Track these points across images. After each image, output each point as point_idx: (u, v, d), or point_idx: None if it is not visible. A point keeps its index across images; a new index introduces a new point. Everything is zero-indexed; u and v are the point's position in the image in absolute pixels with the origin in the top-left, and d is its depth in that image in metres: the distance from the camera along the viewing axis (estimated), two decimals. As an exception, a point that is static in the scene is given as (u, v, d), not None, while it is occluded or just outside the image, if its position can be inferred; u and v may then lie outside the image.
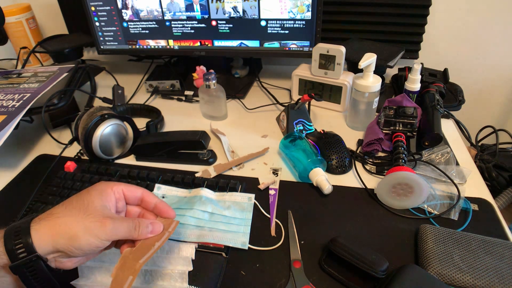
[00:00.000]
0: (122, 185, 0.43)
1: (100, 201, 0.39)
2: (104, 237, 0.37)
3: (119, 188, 0.42)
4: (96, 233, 0.37)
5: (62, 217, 0.37)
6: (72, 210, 0.38)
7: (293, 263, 0.49)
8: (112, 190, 0.41)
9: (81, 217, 0.37)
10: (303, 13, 0.82)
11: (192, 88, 0.98)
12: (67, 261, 0.38)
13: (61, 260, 0.37)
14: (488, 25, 0.97)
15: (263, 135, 0.79)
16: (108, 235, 0.37)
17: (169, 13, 0.90)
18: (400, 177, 0.56)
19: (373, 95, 0.74)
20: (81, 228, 0.36)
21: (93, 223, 0.37)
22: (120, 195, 0.42)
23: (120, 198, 0.43)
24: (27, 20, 1.10)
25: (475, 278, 0.44)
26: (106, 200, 0.40)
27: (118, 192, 0.42)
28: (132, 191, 0.43)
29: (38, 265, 0.35)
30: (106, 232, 0.37)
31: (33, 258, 0.34)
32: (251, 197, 0.59)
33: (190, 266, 0.49)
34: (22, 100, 0.73)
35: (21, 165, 0.74)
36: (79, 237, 0.36)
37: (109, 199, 0.41)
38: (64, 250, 0.36)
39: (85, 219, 0.37)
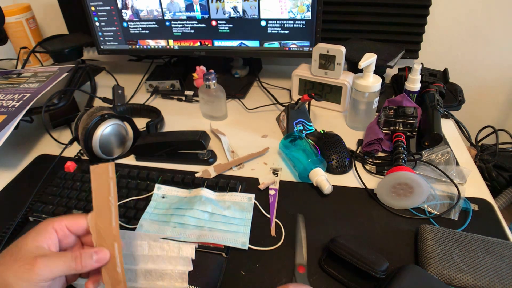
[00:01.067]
0: (65, 220, 0.39)
1: (33, 242, 0.36)
2: (38, 280, 0.33)
3: (62, 224, 0.38)
4: (27, 277, 0.33)
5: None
6: (5, 257, 0.35)
7: (297, 267, 0.49)
8: (53, 228, 0.38)
9: (11, 263, 0.34)
10: (303, 13, 0.82)
11: (192, 88, 0.98)
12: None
13: None
14: (488, 25, 0.97)
15: (263, 135, 0.79)
16: (42, 276, 0.33)
17: (169, 13, 0.90)
18: (400, 177, 0.56)
19: (373, 95, 0.74)
20: (11, 275, 0.33)
21: (21, 267, 0.33)
22: (64, 232, 0.39)
23: (65, 234, 0.39)
24: (27, 20, 1.10)
25: (475, 278, 0.44)
26: (43, 239, 0.37)
27: (61, 229, 0.38)
28: (76, 224, 0.39)
29: None
30: (38, 273, 0.33)
31: None
32: (251, 197, 0.59)
33: (190, 266, 0.49)
34: (22, 100, 0.73)
35: (21, 165, 0.74)
36: (11, 285, 0.33)
37: (48, 236, 0.37)
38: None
39: (13, 265, 0.34)
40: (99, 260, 0.37)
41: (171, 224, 0.54)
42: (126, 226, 0.56)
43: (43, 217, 0.59)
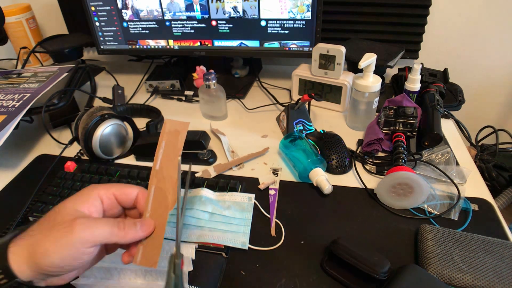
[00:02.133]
0: (114, 187, 0.36)
1: (73, 206, 0.33)
2: (78, 243, 0.31)
3: (109, 192, 0.36)
4: (66, 241, 0.31)
5: (35, 234, 0.32)
6: (43, 223, 0.32)
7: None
8: (98, 194, 0.35)
9: (49, 228, 0.31)
10: (303, 13, 0.82)
11: (192, 88, 0.98)
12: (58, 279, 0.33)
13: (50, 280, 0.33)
14: (488, 25, 0.97)
15: (263, 135, 0.79)
16: (83, 239, 0.31)
17: (169, 13, 0.90)
18: (400, 177, 0.56)
19: (373, 95, 0.74)
20: (50, 242, 0.31)
21: (60, 231, 0.31)
22: (111, 201, 0.36)
23: (112, 204, 0.36)
24: (27, 20, 1.10)
25: (475, 278, 0.44)
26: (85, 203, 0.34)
27: (108, 197, 0.36)
28: (126, 194, 0.37)
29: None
30: (78, 236, 0.31)
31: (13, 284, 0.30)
32: (251, 197, 0.59)
33: (190, 266, 0.49)
34: (22, 100, 0.73)
35: (21, 165, 0.73)
36: (49, 252, 0.30)
37: (90, 202, 0.34)
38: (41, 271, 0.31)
39: (52, 231, 0.31)
40: (144, 230, 0.35)
41: (171, 224, 0.54)
42: (126, 226, 0.55)
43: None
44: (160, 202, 0.36)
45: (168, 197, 0.37)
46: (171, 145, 0.38)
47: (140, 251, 0.35)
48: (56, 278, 0.33)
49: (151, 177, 0.37)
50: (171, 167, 0.38)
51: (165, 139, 0.38)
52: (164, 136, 0.38)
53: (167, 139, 0.38)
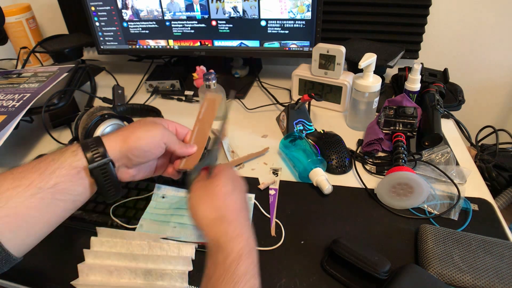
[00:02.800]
0: (175, 123, 0.49)
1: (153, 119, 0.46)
2: (159, 136, 0.43)
3: (173, 125, 0.48)
4: (154, 133, 0.43)
5: (126, 129, 0.43)
6: (132, 125, 0.44)
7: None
8: (166, 122, 0.47)
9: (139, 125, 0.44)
10: (303, 13, 0.82)
11: (192, 88, 0.98)
12: (125, 172, 0.43)
13: (121, 170, 0.43)
14: (488, 25, 0.97)
15: (263, 135, 0.79)
16: (162, 135, 0.43)
17: (169, 13, 0.90)
18: (400, 177, 0.56)
19: (373, 95, 0.74)
20: (143, 131, 0.43)
21: (149, 125, 0.44)
22: (174, 130, 0.48)
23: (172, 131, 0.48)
24: (27, 20, 1.10)
25: (475, 278, 0.44)
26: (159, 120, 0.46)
27: (172, 127, 0.48)
28: (182, 129, 0.50)
29: (109, 169, 0.40)
30: (160, 132, 0.43)
31: (107, 161, 0.40)
32: (251, 197, 0.59)
33: (190, 266, 0.49)
34: (22, 100, 0.73)
35: (21, 165, 0.73)
36: (141, 138, 0.42)
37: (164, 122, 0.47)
38: (128, 153, 0.41)
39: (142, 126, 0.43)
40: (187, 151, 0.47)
41: (171, 224, 0.54)
42: (126, 226, 0.55)
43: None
44: (200, 135, 0.50)
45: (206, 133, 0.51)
46: (210, 107, 0.53)
47: (184, 159, 0.48)
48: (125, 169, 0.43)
49: (196, 122, 0.52)
50: (209, 119, 0.52)
51: (206, 103, 0.53)
52: (205, 101, 0.54)
53: (207, 103, 0.53)
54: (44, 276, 0.50)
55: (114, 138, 0.42)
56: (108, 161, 0.40)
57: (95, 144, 0.40)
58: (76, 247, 0.53)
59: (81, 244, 0.53)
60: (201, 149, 0.49)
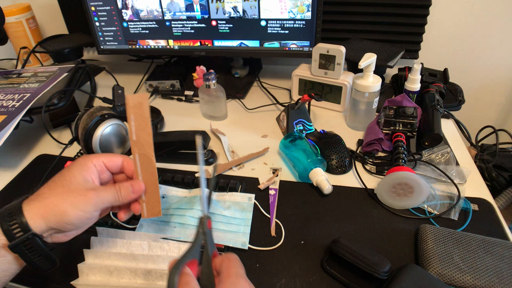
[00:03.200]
0: (102, 157, 0.44)
1: (81, 175, 0.41)
2: (91, 209, 0.40)
3: (99, 161, 0.44)
4: (82, 207, 0.39)
5: (49, 197, 0.39)
6: (56, 189, 0.40)
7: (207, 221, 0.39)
8: (92, 163, 0.43)
9: (65, 193, 0.39)
10: (303, 13, 0.82)
11: (192, 88, 0.98)
12: (63, 236, 0.40)
13: (56, 236, 0.40)
14: (488, 25, 0.97)
15: (263, 135, 0.79)
16: (94, 206, 0.40)
17: (169, 13, 0.90)
18: (400, 177, 0.56)
19: (373, 95, 0.74)
20: (68, 205, 0.38)
21: (77, 198, 0.39)
22: (101, 167, 0.44)
23: (103, 170, 0.44)
24: (27, 20, 1.10)
25: (475, 278, 0.44)
26: (87, 173, 0.42)
27: (99, 165, 0.44)
28: (112, 161, 0.45)
29: (35, 242, 0.37)
30: (91, 203, 0.40)
31: (29, 236, 0.36)
32: (251, 197, 0.59)
33: (190, 266, 0.48)
34: (22, 100, 0.73)
35: (21, 165, 0.73)
36: (68, 213, 0.38)
37: (91, 171, 0.42)
38: (57, 227, 0.38)
39: (69, 196, 0.39)
40: (134, 191, 0.43)
41: (171, 224, 0.54)
42: (126, 226, 0.55)
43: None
44: (146, 164, 0.44)
45: (151, 159, 0.44)
46: (139, 116, 0.43)
47: (144, 207, 0.43)
48: (61, 234, 0.40)
49: (132, 147, 0.43)
50: (145, 134, 0.43)
51: (132, 113, 0.43)
52: (130, 110, 0.43)
53: (134, 112, 0.43)
54: (44, 276, 0.50)
55: (36, 209, 0.38)
56: (32, 236, 0.36)
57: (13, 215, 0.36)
58: (76, 247, 0.53)
59: (81, 244, 0.53)
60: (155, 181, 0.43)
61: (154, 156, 0.44)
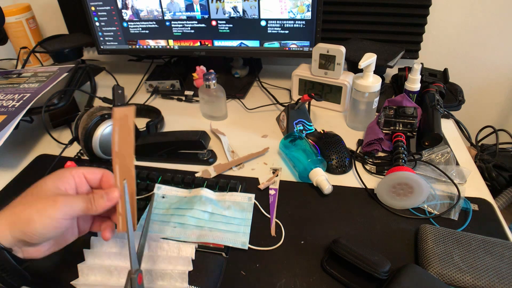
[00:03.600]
0: (83, 169, 0.43)
1: (53, 184, 0.39)
2: (58, 215, 0.37)
3: (79, 172, 0.42)
4: (49, 213, 0.36)
5: (17, 205, 0.37)
6: (26, 197, 0.38)
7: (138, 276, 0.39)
8: (70, 174, 0.41)
9: (34, 201, 0.37)
10: (303, 13, 0.82)
11: (192, 88, 0.98)
12: (34, 250, 0.38)
13: (27, 250, 0.37)
14: (488, 25, 0.97)
15: (263, 135, 0.79)
16: (62, 212, 0.37)
17: (169, 13, 0.90)
18: (400, 177, 0.56)
19: (373, 95, 0.74)
20: (34, 212, 0.36)
21: (44, 203, 0.37)
22: (81, 179, 0.42)
23: (82, 182, 0.42)
24: (27, 20, 1.10)
25: (475, 278, 0.44)
26: (62, 183, 0.40)
27: (78, 176, 0.42)
28: (93, 173, 0.43)
29: (3, 256, 0.35)
30: (59, 209, 0.37)
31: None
32: (251, 197, 0.59)
33: (190, 266, 0.49)
34: (22, 100, 0.73)
35: (21, 165, 0.73)
36: (34, 220, 0.36)
37: (66, 181, 0.41)
38: (22, 237, 0.36)
39: (37, 202, 0.37)
40: (109, 199, 0.41)
41: (171, 224, 0.54)
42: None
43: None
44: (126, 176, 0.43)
45: (131, 170, 0.43)
46: (123, 128, 0.44)
47: (120, 221, 0.42)
48: (33, 248, 0.38)
49: (113, 158, 0.43)
50: (128, 146, 0.44)
51: (118, 125, 0.44)
52: (116, 122, 0.44)
53: (119, 124, 0.44)
54: (44, 276, 0.50)
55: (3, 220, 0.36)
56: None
57: None
58: (76, 247, 0.52)
59: (81, 244, 0.53)
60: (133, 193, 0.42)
61: (134, 168, 0.43)
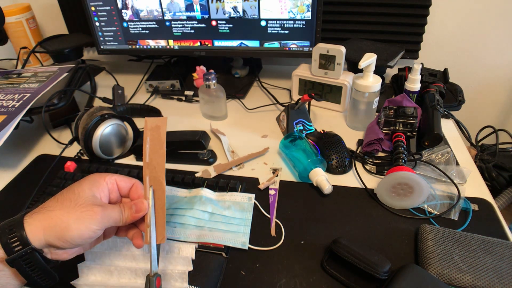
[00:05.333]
0: (116, 176, 0.43)
1: (90, 191, 0.39)
2: (95, 227, 0.37)
3: (112, 179, 0.42)
4: (87, 223, 0.37)
5: (54, 210, 0.37)
6: (64, 202, 0.38)
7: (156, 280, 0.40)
8: (104, 181, 0.41)
9: (72, 208, 0.37)
10: (303, 13, 0.82)
11: (192, 88, 0.98)
12: (63, 253, 0.38)
13: (56, 252, 0.38)
14: (488, 25, 0.97)
15: (263, 135, 0.79)
16: (99, 223, 0.38)
17: (169, 13, 0.90)
18: (400, 177, 0.56)
19: (373, 95, 0.74)
20: (73, 219, 0.36)
21: (83, 213, 0.37)
22: (113, 186, 0.42)
23: (114, 189, 0.43)
24: (27, 20, 1.10)
25: (475, 278, 0.44)
26: (97, 189, 0.40)
27: (111, 183, 0.42)
28: (125, 181, 0.43)
29: (34, 257, 0.35)
30: (97, 221, 0.37)
31: (28, 250, 0.35)
32: (251, 197, 0.59)
33: (190, 266, 0.49)
34: (22, 100, 0.73)
35: (21, 165, 0.73)
36: (71, 228, 0.36)
37: (101, 189, 0.41)
38: (55, 243, 0.36)
39: (76, 210, 0.37)
40: (138, 210, 0.41)
41: (171, 224, 0.54)
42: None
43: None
44: (155, 187, 0.43)
45: (162, 182, 0.43)
46: (155, 139, 0.43)
47: (148, 232, 0.41)
48: (61, 251, 0.38)
49: (144, 169, 0.43)
50: (159, 157, 0.43)
51: (149, 135, 0.44)
52: (147, 132, 0.44)
53: (150, 134, 0.44)
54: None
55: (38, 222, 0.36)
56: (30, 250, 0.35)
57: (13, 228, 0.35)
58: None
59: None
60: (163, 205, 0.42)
61: (164, 180, 0.43)
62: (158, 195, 0.42)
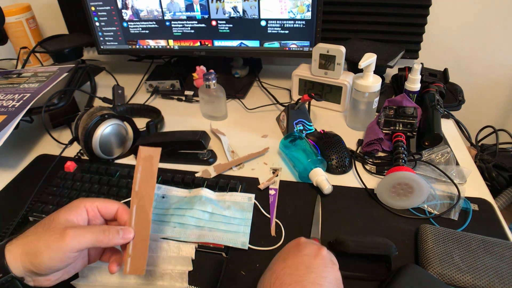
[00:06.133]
0: (97, 201, 0.42)
1: (64, 216, 0.39)
2: (66, 248, 0.36)
3: (94, 205, 0.41)
4: (56, 246, 0.36)
5: (29, 235, 0.37)
6: (37, 227, 0.38)
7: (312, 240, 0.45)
8: (85, 207, 0.41)
9: (42, 233, 0.37)
10: (303, 13, 0.82)
11: (192, 88, 0.98)
12: (44, 279, 0.38)
13: (38, 279, 0.37)
14: (488, 25, 0.97)
15: (263, 135, 0.79)
16: (69, 246, 0.36)
17: (169, 13, 0.90)
18: (400, 177, 0.56)
19: (373, 95, 0.74)
20: (42, 244, 0.36)
21: (52, 236, 0.36)
22: (95, 212, 0.42)
23: (95, 215, 0.42)
24: (27, 20, 1.10)
25: (475, 278, 0.44)
26: (75, 214, 0.39)
27: (93, 209, 0.41)
28: (107, 207, 0.42)
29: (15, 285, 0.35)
30: (67, 243, 0.36)
31: (8, 278, 0.35)
32: (251, 197, 0.59)
33: (190, 266, 0.49)
34: (22, 100, 0.73)
35: (21, 165, 0.73)
36: (41, 253, 0.35)
37: (79, 213, 0.40)
38: (31, 268, 0.36)
39: (45, 234, 0.37)
40: (124, 238, 0.40)
41: (171, 224, 0.54)
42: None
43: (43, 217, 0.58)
44: (141, 218, 0.42)
45: (148, 213, 0.42)
46: (146, 169, 0.44)
47: (128, 262, 0.40)
48: (43, 278, 0.37)
49: (132, 197, 0.43)
50: (148, 187, 0.43)
51: (141, 164, 0.44)
52: (140, 161, 0.44)
53: (142, 164, 0.44)
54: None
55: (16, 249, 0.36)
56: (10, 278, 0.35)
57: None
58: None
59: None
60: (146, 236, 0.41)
61: (151, 211, 0.42)
62: (143, 225, 0.42)
